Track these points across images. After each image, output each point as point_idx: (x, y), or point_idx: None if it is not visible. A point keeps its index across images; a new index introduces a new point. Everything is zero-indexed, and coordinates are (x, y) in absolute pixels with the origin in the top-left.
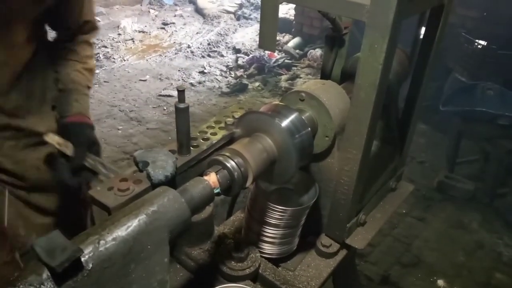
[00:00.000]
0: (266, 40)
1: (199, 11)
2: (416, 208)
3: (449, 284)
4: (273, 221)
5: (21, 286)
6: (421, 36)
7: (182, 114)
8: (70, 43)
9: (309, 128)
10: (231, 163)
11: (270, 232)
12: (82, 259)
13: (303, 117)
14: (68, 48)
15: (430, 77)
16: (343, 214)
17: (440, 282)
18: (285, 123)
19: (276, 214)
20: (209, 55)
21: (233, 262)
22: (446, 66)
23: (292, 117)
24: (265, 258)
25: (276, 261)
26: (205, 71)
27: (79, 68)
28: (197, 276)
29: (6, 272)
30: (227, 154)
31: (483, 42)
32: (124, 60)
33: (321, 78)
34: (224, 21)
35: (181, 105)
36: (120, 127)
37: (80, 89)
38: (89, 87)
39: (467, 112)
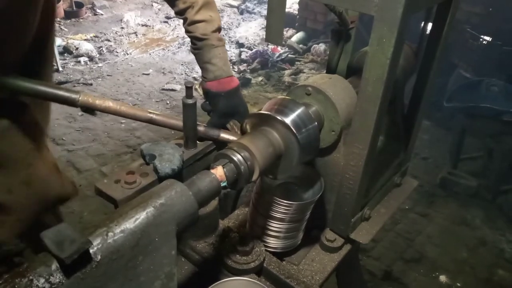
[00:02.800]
0: (273, 34)
1: None
2: (419, 204)
3: (451, 280)
4: (278, 215)
5: (31, 277)
6: (427, 32)
7: (189, 109)
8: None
9: (316, 123)
10: (237, 157)
11: (275, 226)
12: (91, 251)
13: (309, 111)
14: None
15: (437, 73)
16: (348, 209)
17: (443, 278)
18: (291, 117)
19: (281, 208)
20: None
21: (238, 256)
22: (451, 62)
23: (299, 111)
24: (270, 252)
25: (280, 255)
26: None
27: (192, 21)
28: (201, 269)
29: None
30: (234, 148)
31: (488, 38)
32: (127, 54)
33: (327, 72)
34: (228, 15)
35: (189, 101)
36: (123, 121)
37: (207, 44)
38: (213, 31)
39: (471, 108)
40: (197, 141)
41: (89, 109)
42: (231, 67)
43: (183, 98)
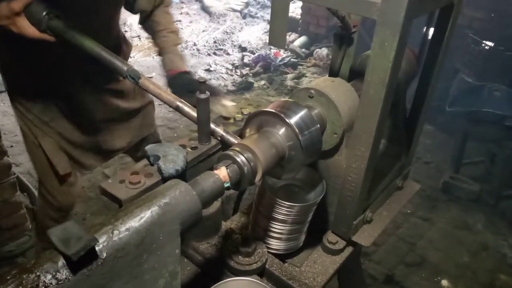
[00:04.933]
0: (276, 37)
1: (205, 9)
2: (421, 208)
3: (453, 285)
4: (280, 217)
5: (38, 273)
6: (430, 37)
7: (203, 104)
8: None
9: (318, 125)
10: (241, 158)
11: (277, 227)
12: (97, 248)
13: (312, 114)
14: (153, 21)
15: (439, 77)
16: (350, 211)
17: (444, 282)
18: (294, 119)
19: (284, 210)
20: (215, 53)
21: (240, 257)
22: (453, 67)
23: (302, 113)
24: (272, 253)
25: (282, 256)
26: (211, 69)
27: (164, 34)
28: (204, 270)
29: None
30: (237, 149)
31: (490, 43)
32: (131, 57)
33: (329, 76)
34: (230, 19)
35: (202, 96)
36: None
37: (170, 50)
38: (178, 44)
39: (473, 113)
40: (211, 136)
41: (134, 81)
42: (234, 71)
43: (197, 93)
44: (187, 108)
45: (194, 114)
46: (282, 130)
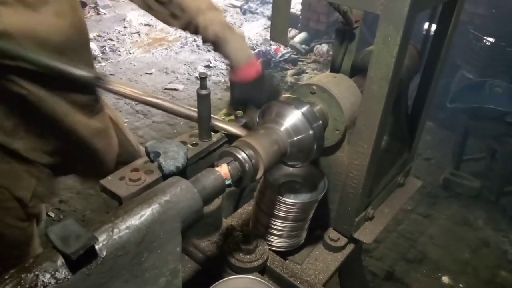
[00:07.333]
0: (278, 32)
1: None
2: (421, 205)
3: (453, 281)
4: (281, 214)
5: (37, 272)
6: (431, 33)
7: (203, 100)
8: None
9: (320, 121)
10: (242, 155)
11: (278, 225)
12: (96, 247)
13: (314, 110)
14: None
15: (441, 73)
16: (351, 208)
17: (445, 278)
18: None
19: (285, 207)
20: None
21: (241, 254)
22: (454, 63)
23: (304, 109)
24: (273, 251)
25: (283, 254)
26: (211, 65)
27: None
28: (205, 268)
29: None
30: (239, 145)
31: (491, 39)
32: (130, 53)
33: (331, 71)
34: (230, 15)
35: (203, 92)
36: (126, 120)
37: (218, 41)
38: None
39: (474, 109)
40: (212, 132)
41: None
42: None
43: (198, 89)
44: (169, 104)
45: (176, 107)
46: (284, 127)
